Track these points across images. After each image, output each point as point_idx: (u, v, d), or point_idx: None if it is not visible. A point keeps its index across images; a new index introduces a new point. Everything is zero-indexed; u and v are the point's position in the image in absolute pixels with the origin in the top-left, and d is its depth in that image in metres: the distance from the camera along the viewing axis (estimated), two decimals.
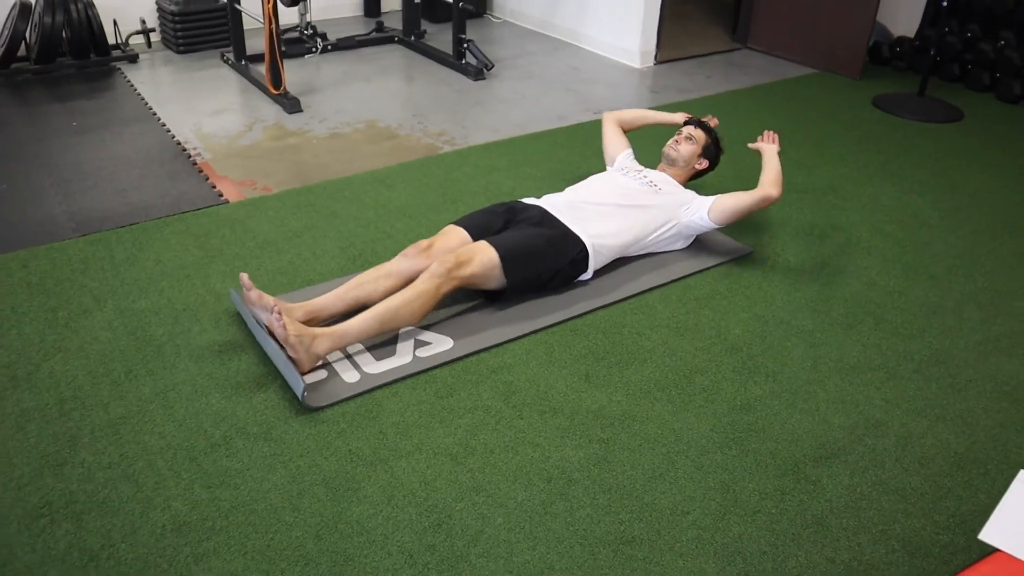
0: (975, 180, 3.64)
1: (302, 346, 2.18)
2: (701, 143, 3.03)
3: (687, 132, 3.04)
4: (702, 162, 3.04)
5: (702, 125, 3.08)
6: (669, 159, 3.02)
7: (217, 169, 3.51)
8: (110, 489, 1.87)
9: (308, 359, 2.21)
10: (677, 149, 3.01)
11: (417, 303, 2.34)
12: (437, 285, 2.36)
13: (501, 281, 2.50)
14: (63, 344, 2.35)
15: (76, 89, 4.42)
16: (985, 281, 2.85)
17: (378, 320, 2.30)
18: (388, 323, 2.33)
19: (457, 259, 2.40)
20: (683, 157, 3.00)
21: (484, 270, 2.45)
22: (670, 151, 3.02)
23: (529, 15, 5.94)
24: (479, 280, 2.46)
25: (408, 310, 2.33)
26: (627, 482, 1.92)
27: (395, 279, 2.46)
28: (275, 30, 4.05)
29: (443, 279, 2.36)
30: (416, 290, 2.35)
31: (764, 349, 2.43)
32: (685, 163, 3.01)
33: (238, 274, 2.70)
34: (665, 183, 2.90)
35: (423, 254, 2.50)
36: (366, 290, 2.44)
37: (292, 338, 2.17)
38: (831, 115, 4.39)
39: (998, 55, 4.73)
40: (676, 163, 3.01)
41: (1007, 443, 2.10)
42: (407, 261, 2.50)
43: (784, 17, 5.32)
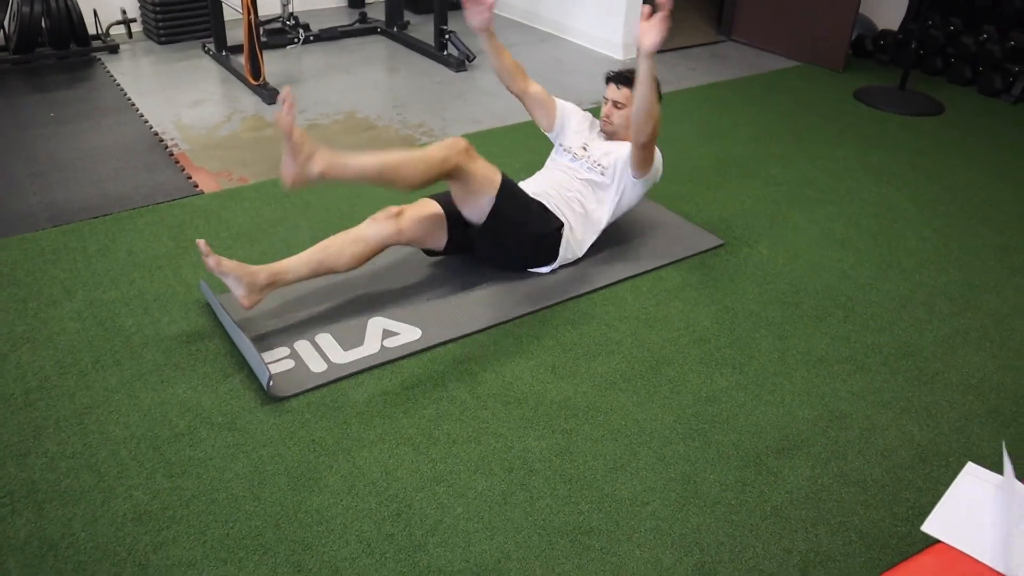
0: (953, 173, 3.64)
1: (297, 164, 2.18)
2: (630, 101, 2.71)
3: (612, 98, 2.78)
4: None
5: (622, 80, 2.76)
6: (609, 133, 2.85)
7: (194, 160, 3.50)
8: (72, 478, 1.87)
9: (304, 177, 2.20)
10: (611, 122, 2.81)
11: (422, 165, 2.34)
12: (445, 156, 2.37)
13: (485, 207, 2.49)
14: (31, 335, 2.34)
15: (55, 79, 4.40)
16: (958, 274, 2.85)
17: (381, 164, 2.31)
18: (390, 173, 2.32)
19: (468, 147, 2.43)
20: (620, 124, 2.80)
21: (483, 176, 2.47)
22: (605, 126, 2.84)
23: (513, 6, 5.93)
24: (473, 184, 2.46)
25: (412, 168, 2.33)
26: (588, 472, 1.93)
27: (363, 244, 2.43)
28: (254, 20, 4.04)
29: (451, 152, 2.37)
30: (424, 154, 2.36)
31: (732, 341, 2.43)
32: (625, 128, 2.78)
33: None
34: (606, 156, 2.74)
35: (392, 219, 2.47)
36: (331, 255, 2.40)
37: (297, 135, 2.15)
38: (812, 107, 4.40)
39: (980, 49, 4.73)
40: (617, 133, 2.82)
41: (970, 435, 2.11)
42: (376, 226, 2.46)
43: (768, 10, 5.32)
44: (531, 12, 5.77)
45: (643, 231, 2.99)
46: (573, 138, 2.87)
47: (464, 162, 2.40)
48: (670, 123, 4.07)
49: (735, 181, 3.46)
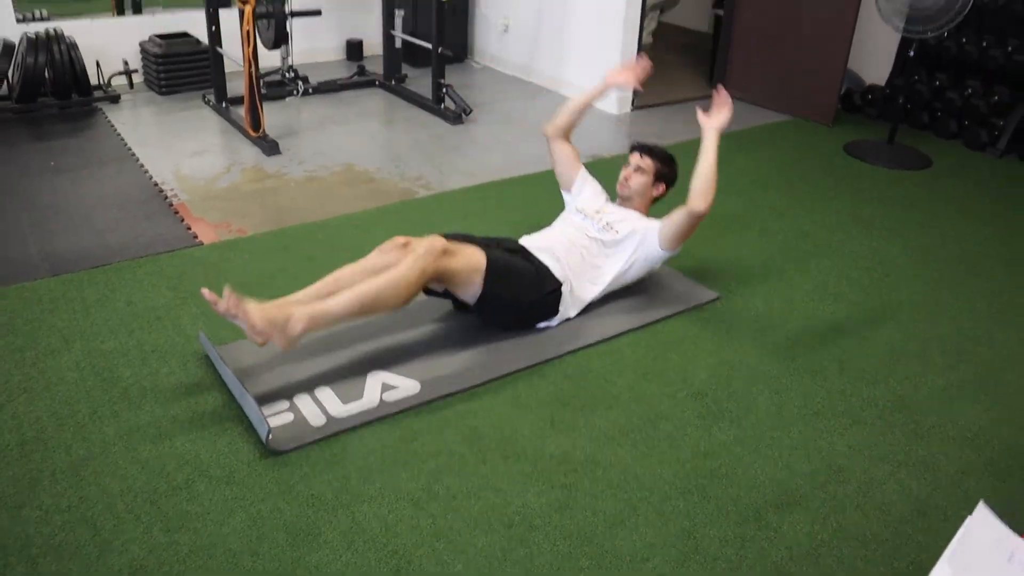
0: (942, 226, 3.70)
1: (276, 329, 2.18)
2: (651, 171, 2.91)
3: (635, 163, 2.93)
4: (658, 188, 2.95)
5: (647, 150, 2.94)
6: (624, 198, 2.95)
7: (193, 211, 3.53)
8: (67, 532, 1.85)
9: (286, 341, 2.21)
10: (628, 185, 2.92)
11: (401, 284, 2.33)
12: (422, 268, 2.35)
13: (476, 291, 2.51)
14: (28, 384, 2.34)
15: (57, 128, 4.45)
16: (950, 326, 2.89)
17: (359, 301, 2.29)
18: (369, 305, 2.31)
19: (445, 247, 2.41)
20: (636, 191, 2.91)
21: (467, 269, 2.46)
22: (622, 189, 2.94)
23: (509, 61, 6.04)
24: (459, 279, 2.47)
25: (392, 292, 2.32)
26: (588, 528, 1.93)
27: (372, 275, 2.43)
28: (255, 73, 4.10)
29: (427, 262, 2.36)
30: (400, 272, 2.33)
31: (729, 395, 2.44)
32: (640, 195, 2.92)
33: (208, 316, 2.70)
34: (622, 222, 2.82)
35: (400, 250, 2.49)
36: (342, 286, 2.42)
37: (261, 324, 2.15)
38: (804, 161, 4.47)
39: (965, 103, 4.84)
40: (631, 199, 2.93)
41: (968, 489, 2.12)
42: (383, 257, 2.48)
43: (759, 65, 5.43)
44: (527, 67, 5.88)
45: (639, 285, 3.01)
46: (588, 202, 2.97)
47: (444, 265, 2.41)
48: None
49: (730, 234, 3.51)
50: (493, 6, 6.07)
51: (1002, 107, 4.72)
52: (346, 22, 6.12)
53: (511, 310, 2.62)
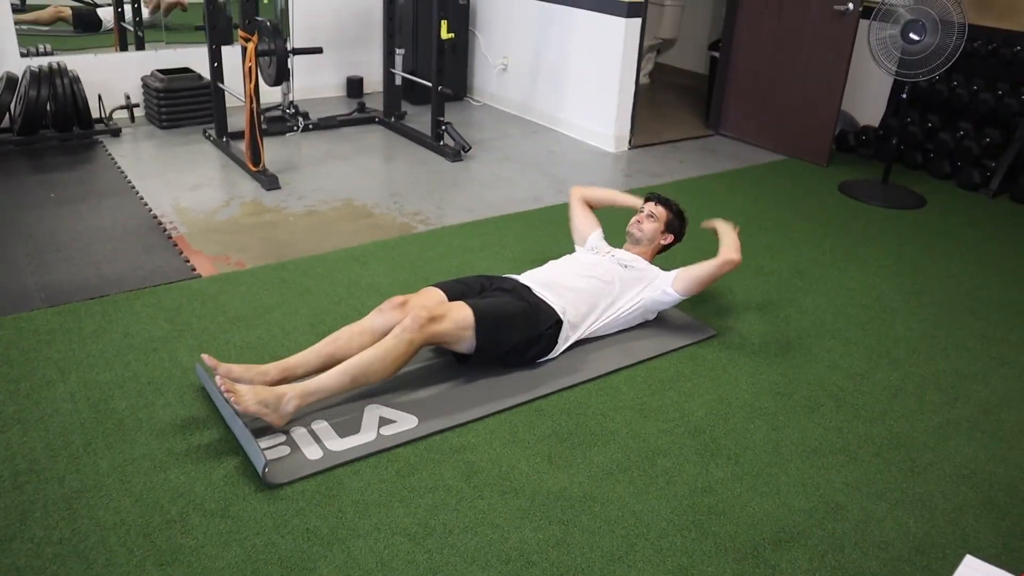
0: (937, 265, 3.73)
1: (269, 410, 2.21)
2: (663, 219, 3.09)
3: (648, 210, 3.10)
4: (666, 237, 3.10)
5: (662, 201, 3.13)
6: (633, 238, 3.09)
7: (192, 243, 3.55)
8: (58, 566, 1.83)
9: (280, 419, 2.24)
10: (640, 228, 3.08)
11: (390, 358, 2.35)
12: (409, 340, 2.37)
13: (471, 344, 2.52)
14: (23, 415, 2.33)
15: (57, 161, 4.48)
16: (946, 364, 2.89)
17: (349, 376, 2.32)
18: (360, 379, 2.34)
19: (430, 314, 2.41)
20: (647, 235, 3.07)
21: (456, 329, 2.47)
22: (634, 230, 3.09)
23: (508, 99, 6.11)
24: (450, 339, 2.48)
25: (381, 365, 2.35)
26: (585, 565, 1.91)
27: (370, 335, 2.48)
28: (256, 109, 4.14)
29: (415, 333, 2.37)
30: (388, 345, 2.36)
31: (727, 431, 2.44)
32: (649, 241, 3.07)
33: (206, 348, 2.70)
34: (633, 261, 2.95)
35: (397, 310, 2.52)
36: (340, 347, 2.45)
37: (254, 407, 2.19)
38: (799, 200, 4.52)
39: (958, 144, 4.90)
40: (640, 242, 3.07)
41: (966, 527, 2.11)
42: (381, 317, 2.52)
43: (755, 106, 5.51)
44: (526, 105, 5.94)
45: None
46: (601, 245, 3.15)
47: (432, 331, 2.42)
48: None
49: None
50: (492, 46, 6.15)
51: (994, 148, 4.78)
52: (347, 60, 6.20)
53: (511, 353, 2.63)
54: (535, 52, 5.74)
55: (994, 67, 4.77)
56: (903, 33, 4.31)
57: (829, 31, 4.92)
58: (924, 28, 4.23)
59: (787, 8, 5.14)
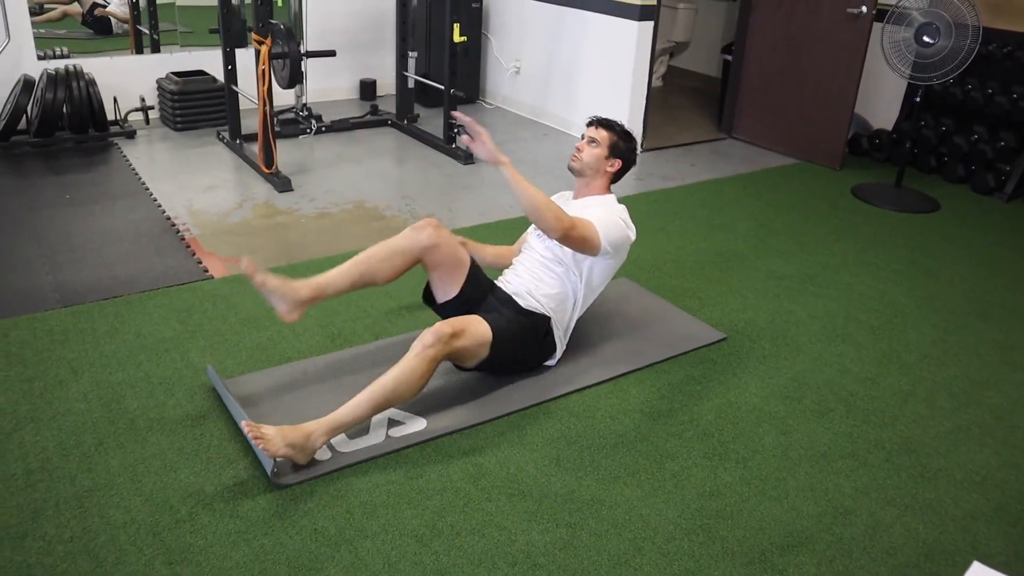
0: (950, 269, 3.71)
1: (296, 450, 2.15)
2: (606, 143, 2.70)
3: (588, 135, 2.72)
4: (614, 163, 2.73)
5: (601, 122, 2.74)
6: (575, 172, 2.75)
7: (205, 245, 3.57)
8: (69, 563, 1.85)
9: (306, 458, 2.18)
10: (580, 158, 2.71)
11: (414, 378, 2.27)
12: (432, 357, 2.29)
13: (480, 360, 2.52)
14: (36, 414, 2.35)
15: (72, 163, 4.52)
16: (958, 369, 2.88)
17: (374, 403, 2.23)
18: (385, 404, 2.25)
19: (453, 328, 2.36)
20: (588, 164, 2.70)
21: (475, 344, 2.44)
22: (572, 163, 2.74)
23: (521, 102, 6.12)
24: (468, 353, 2.45)
25: (406, 387, 2.26)
26: (592, 568, 1.91)
27: (402, 257, 2.47)
28: (269, 111, 4.17)
29: (438, 350, 2.30)
30: (411, 365, 2.26)
31: (735, 435, 2.44)
32: (593, 171, 2.72)
33: (217, 349, 2.72)
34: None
35: (433, 229, 2.50)
36: (373, 266, 2.47)
37: (283, 451, 2.12)
38: (811, 204, 4.50)
39: (972, 148, 4.87)
40: (583, 173, 2.73)
41: (976, 534, 2.10)
42: (415, 235, 2.50)
43: (767, 109, 5.49)
44: (538, 108, 5.95)
45: (646, 325, 3.02)
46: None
47: (453, 347, 2.35)
48: (672, 218, 4.17)
49: (737, 275, 3.52)
50: (505, 49, 6.16)
51: (1008, 152, 4.75)
52: (360, 63, 6.22)
53: (515, 365, 2.64)
54: (548, 55, 5.75)
55: (1009, 70, 4.73)
56: (917, 36, 4.28)
57: (842, 34, 4.90)
58: (938, 31, 4.20)
59: (800, 11, 5.12)
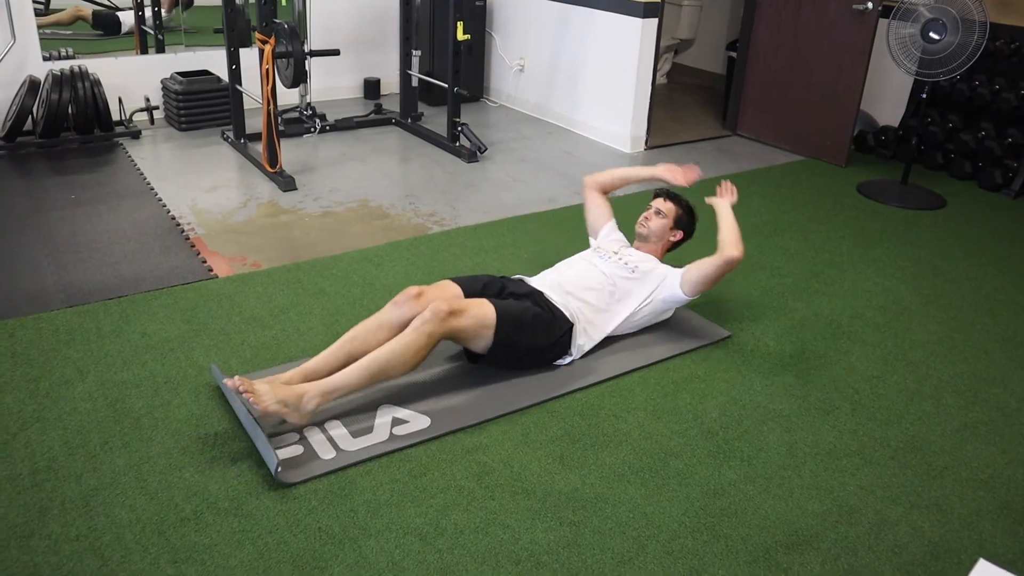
0: (956, 266, 3.69)
1: (290, 409, 2.22)
2: (672, 215, 2.99)
3: (656, 206, 3.01)
4: (676, 234, 3.01)
5: (671, 196, 3.04)
6: (641, 237, 3.01)
7: (209, 244, 3.58)
8: (75, 562, 1.85)
9: (301, 417, 2.26)
10: (647, 226, 2.99)
11: (409, 352, 2.34)
12: (429, 332, 2.35)
13: (487, 343, 2.51)
14: (42, 414, 2.36)
15: (78, 163, 4.53)
16: (964, 367, 2.86)
17: (368, 372, 2.31)
18: (379, 375, 2.34)
19: (451, 307, 2.40)
20: (655, 233, 2.98)
21: (476, 326, 2.45)
22: (641, 229, 3.00)
23: (524, 100, 6.11)
24: (468, 335, 2.47)
25: (400, 359, 2.33)
26: (596, 566, 1.91)
27: (387, 330, 2.46)
28: (273, 111, 4.17)
29: (435, 326, 2.35)
30: (407, 339, 2.34)
31: (740, 433, 2.43)
32: (658, 238, 2.99)
33: (222, 348, 2.73)
34: (641, 263, 2.88)
35: (413, 301, 2.49)
36: (358, 344, 2.44)
37: (274, 407, 2.20)
38: (817, 201, 4.48)
39: (979, 145, 4.85)
40: (648, 239, 2.99)
41: (982, 532, 2.09)
42: (397, 310, 2.49)
43: (773, 106, 5.47)
44: (542, 106, 5.94)
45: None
46: (609, 244, 3.06)
47: (451, 326, 2.40)
48: None
49: (742, 273, 3.50)
50: (509, 47, 6.16)
51: (1016, 149, 4.73)
52: (364, 61, 6.22)
53: (525, 357, 2.63)
54: (552, 53, 5.74)
55: (1016, 66, 4.71)
56: (923, 32, 4.27)
57: (848, 30, 4.88)
58: (944, 27, 4.19)
59: (805, 7, 5.10)
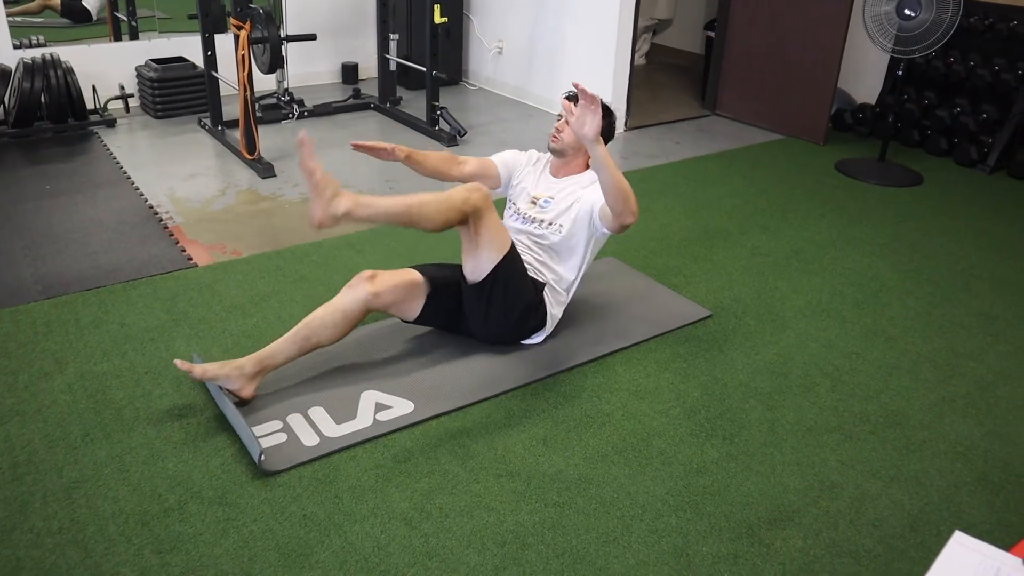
0: (934, 242, 3.72)
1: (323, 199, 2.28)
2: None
3: (565, 116, 2.40)
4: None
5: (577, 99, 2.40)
6: (557, 152, 2.74)
7: (188, 233, 3.55)
8: (58, 555, 1.85)
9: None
10: (560, 139, 2.71)
11: (445, 205, 2.36)
12: (465, 198, 2.38)
13: (483, 271, 2.50)
14: (21, 407, 2.34)
15: (52, 153, 4.47)
16: (942, 342, 2.90)
17: (404, 206, 2.34)
18: (413, 211, 2.35)
19: (487, 200, 2.43)
20: (569, 144, 2.71)
21: (494, 235, 2.48)
22: (553, 143, 2.73)
23: (503, 83, 6.09)
24: (483, 240, 2.47)
25: (434, 208, 2.36)
26: (581, 546, 1.92)
27: (341, 313, 2.42)
28: (250, 97, 4.13)
29: (472, 195, 2.38)
30: (449, 194, 2.38)
31: (722, 412, 2.45)
32: (574, 149, 2.71)
33: (202, 337, 2.71)
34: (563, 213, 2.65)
35: (367, 283, 2.47)
36: (314, 328, 2.40)
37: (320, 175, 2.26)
38: (795, 180, 4.50)
39: (954, 121, 4.88)
40: (564, 153, 2.73)
41: (960, 504, 2.12)
42: (351, 293, 2.46)
43: (751, 85, 5.48)
44: (521, 88, 5.92)
45: (631, 303, 3.03)
46: (520, 194, 2.84)
47: (482, 206, 2.42)
48: (657, 196, 4.16)
49: (722, 252, 3.52)
50: (487, 29, 6.12)
51: (990, 124, 4.76)
52: (341, 46, 6.17)
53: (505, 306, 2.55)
54: (530, 35, 5.71)
55: (990, 42, 4.74)
56: (898, 9, 4.28)
57: (824, 9, 4.89)
58: (919, 3, 4.20)
59: None
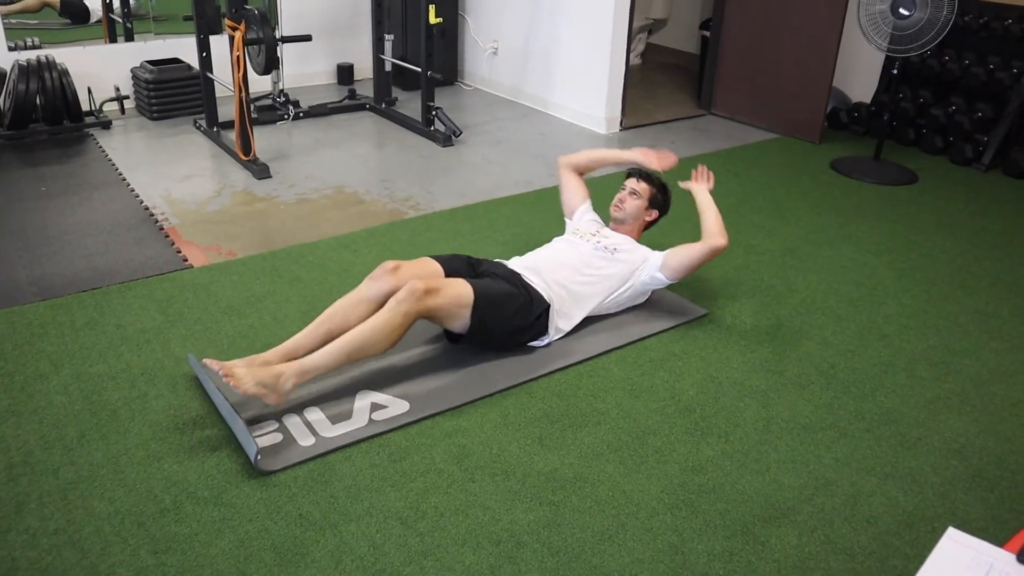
0: (929, 241, 3.73)
1: (268, 390, 2.23)
2: (646, 195, 3.00)
3: (630, 187, 3.02)
4: (651, 213, 3.03)
5: (643, 176, 3.04)
6: (617, 219, 3.02)
7: (184, 234, 3.55)
8: (54, 556, 1.85)
9: (279, 398, 2.27)
10: (622, 208, 3.00)
11: (385, 331, 2.35)
12: (404, 312, 2.36)
13: (464, 323, 2.52)
14: (16, 408, 2.34)
15: (48, 155, 4.47)
16: (937, 340, 2.90)
17: (344, 352, 2.32)
18: (355, 354, 2.34)
19: (427, 287, 2.40)
20: (630, 214, 2.99)
21: (452, 305, 2.46)
22: (616, 212, 3.01)
23: (499, 83, 6.09)
24: (444, 314, 2.47)
25: (376, 339, 2.34)
26: (576, 545, 1.93)
27: (365, 305, 2.46)
28: (245, 98, 4.13)
29: (411, 305, 2.37)
30: (383, 318, 2.35)
31: (717, 410, 2.45)
32: (633, 219, 3.00)
33: (198, 338, 2.71)
34: (620, 244, 2.90)
35: (390, 275, 2.50)
36: (337, 322, 2.44)
37: (253, 389, 2.20)
38: (791, 178, 4.51)
39: (949, 120, 4.90)
40: (624, 221, 3.00)
41: (955, 501, 2.13)
42: (375, 284, 2.50)
43: (746, 84, 5.49)
44: (516, 88, 5.93)
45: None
46: (585, 226, 3.05)
47: (428, 305, 2.41)
48: None
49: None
50: (482, 30, 6.13)
51: (986, 123, 4.78)
52: (337, 47, 6.17)
53: (503, 337, 2.63)
54: (525, 35, 5.72)
55: (985, 41, 4.75)
56: (893, 8, 4.29)
57: (819, 8, 4.90)
58: (914, 3, 4.21)
59: None
